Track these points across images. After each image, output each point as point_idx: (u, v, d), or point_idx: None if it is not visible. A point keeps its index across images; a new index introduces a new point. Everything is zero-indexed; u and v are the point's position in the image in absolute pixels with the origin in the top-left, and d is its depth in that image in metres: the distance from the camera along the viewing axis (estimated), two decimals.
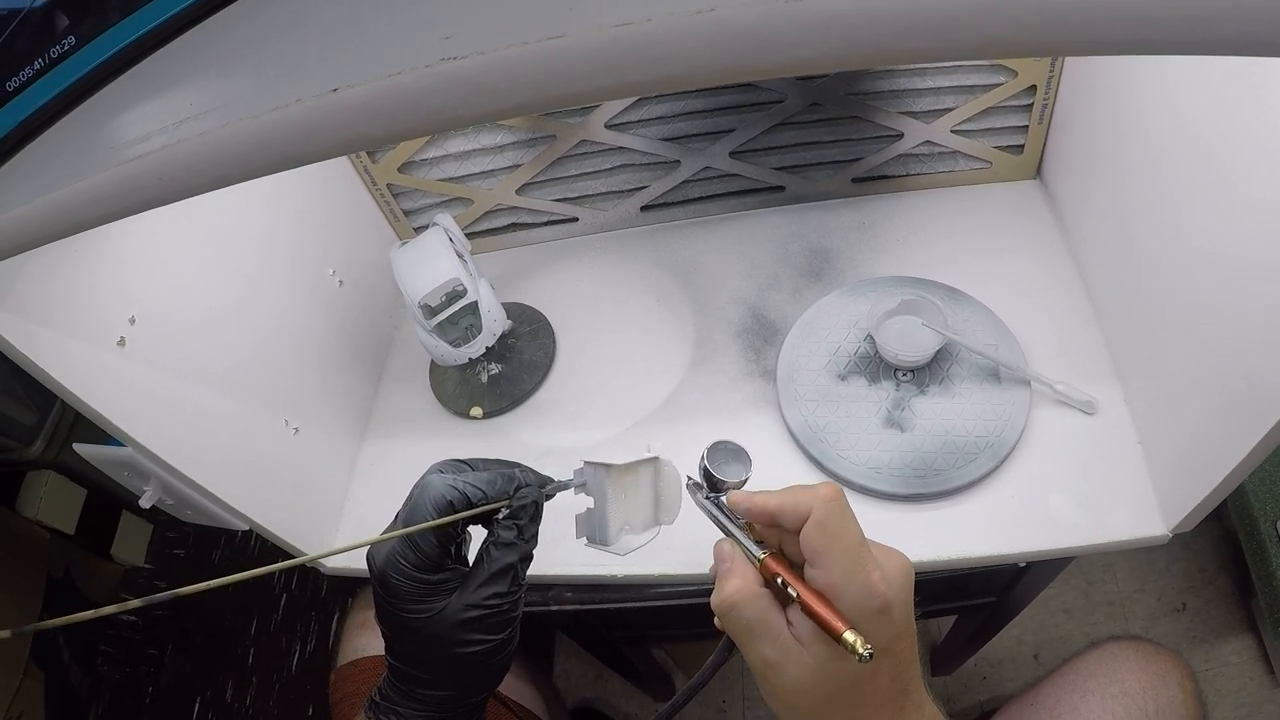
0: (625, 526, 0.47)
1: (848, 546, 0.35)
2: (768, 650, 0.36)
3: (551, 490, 0.45)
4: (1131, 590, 1.15)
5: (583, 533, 0.47)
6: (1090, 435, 0.61)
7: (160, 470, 0.53)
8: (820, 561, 0.35)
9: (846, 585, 0.34)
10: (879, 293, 0.69)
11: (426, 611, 0.40)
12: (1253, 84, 0.42)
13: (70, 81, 0.36)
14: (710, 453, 0.43)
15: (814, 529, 0.35)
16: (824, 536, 0.35)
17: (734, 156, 0.78)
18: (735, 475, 0.43)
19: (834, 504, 0.36)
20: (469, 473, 0.43)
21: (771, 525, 0.38)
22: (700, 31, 0.22)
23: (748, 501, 0.39)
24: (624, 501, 0.47)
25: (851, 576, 0.34)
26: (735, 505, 0.40)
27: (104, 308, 0.50)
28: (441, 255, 0.69)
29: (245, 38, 0.33)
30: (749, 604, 0.36)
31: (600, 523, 0.46)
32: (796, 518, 0.36)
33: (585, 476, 0.47)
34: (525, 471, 0.44)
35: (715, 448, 0.44)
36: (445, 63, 0.25)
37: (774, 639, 0.35)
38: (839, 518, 0.35)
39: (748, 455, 0.44)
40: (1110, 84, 0.60)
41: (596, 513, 0.46)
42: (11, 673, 1.19)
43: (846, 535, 0.35)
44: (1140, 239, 0.58)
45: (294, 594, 1.40)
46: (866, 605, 0.34)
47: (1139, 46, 0.23)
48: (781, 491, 0.38)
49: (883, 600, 0.34)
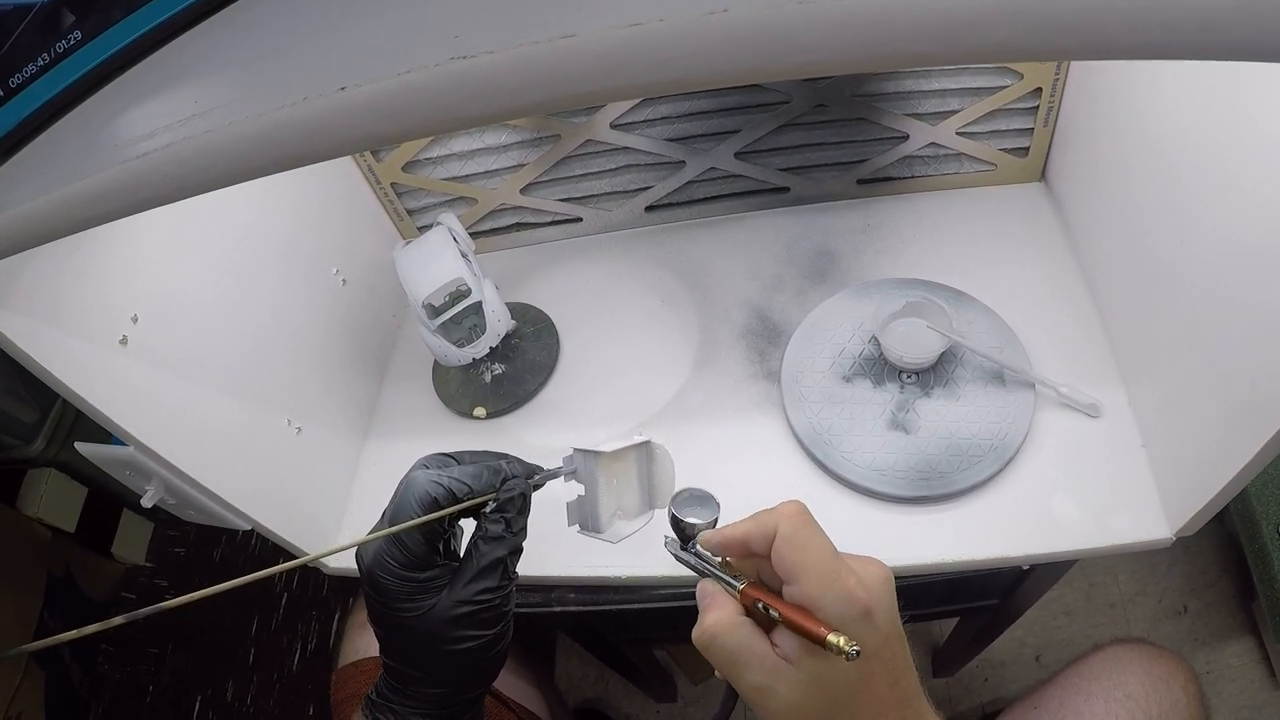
0: (617, 512, 0.47)
1: (819, 558, 0.35)
2: (756, 676, 0.35)
3: (540, 479, 0.45)
4: (1133, 592, 1.15)
5: (574, 520, 0.46)
6: (1095, 438, 0.61)
7: (162, 470, 0.53)
8: (795, 576, 0.35)
9: (824, 595, 0.34)
10: (884, 295, 0.69)
11: (417, 609, 0.40)
12: (1258, 86, 0.42)
13: (74, 78, 0.36)
14: (675, 502, 0.43)
15: (783, 545, 0.35)
16: (793, 550, 0.35)
17: (739, 157, 0.77)
18: (703, 518, 0.43)
19: (798, 518, 0.36)
20: (454, 467, 0.43)
21: (746, 554, 0.38)
22: (713, 32, 0.22)
23: (718, 536, 0.39)
24: (615, 487, 0.46)
25: (828, 586, 0.34)
26: (707, 542, 0.40)
27: (107, 306, 0.49)
28: (445, 255, 0.69)
29: (251, 35, 0.33)
30: (729, 633, 0.36)
31: (591, 509, 0.46)
32: (765, 539, 0.36)
33: (575, 464, 0.46)
34: (512, 462, 0.44)
35: (680, 497, 0.43)
36: (455, 61, 0.25)
37: (760, 663, 0.35)
38: (804, 531, 0.35)
39: (714, 499, 0.43)
40: (1115, 87, 0.60)
41: (588, 500, 0.46)
42: (12, 671, 1.19)
43: (814, 546, 0.35)
44: (1145, 242, 0.58)
45: (295, 593, 1.40)
46: (847, 612, 0.34)
47: (1149, 51, 0.22)
48: (747, 519, 0.38)
49: (862, 605, 0.34)
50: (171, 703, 1.37)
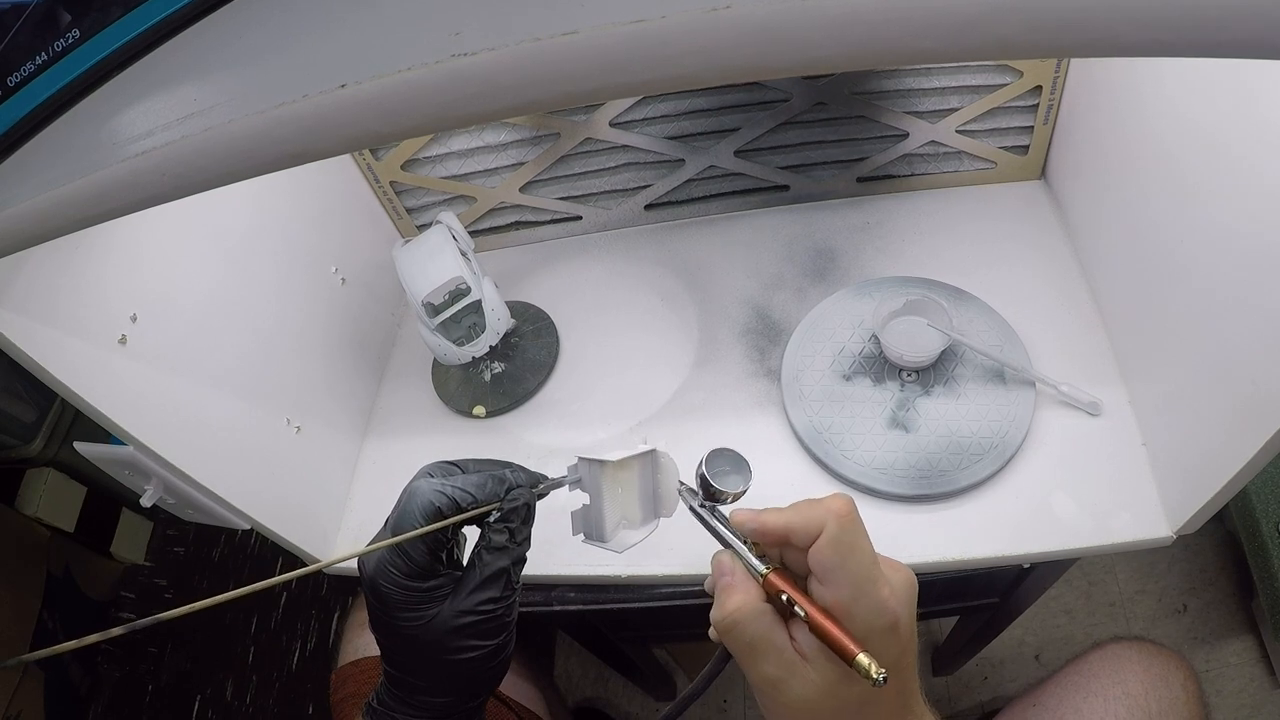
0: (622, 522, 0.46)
1: (861, 563, 0.34)
2: (770, 668, 0.35)
3: (544, 489, 0.44)
4: (1133, 591, 1.15)
5: (579, 530, 0.46)
6: (1095, 437, 0.60)
7: (161, 469, 0.52)
8: (831, 579, 0.34)
9: (857, 603, 0.33)
10: (883, 293, 0.69)
11: (419, 619, 0.39)
12: (1259, 83, 0.42)
13: (73, 76, 0.35)
14: (709, 460, 0.41)
15: (827, 545, 0.34)
16: (836, 553, 0.34)
17: (739, 155, 0.77)
18: (735, 486, 0.41)
19: (848, 519, 0.34)
20: (459, 475, 0.42)
21: (782, 544, 0.37)
22: (715, 29, 0.22)
23: (754, 522, 0.37)
24: (620, 497, 0.46)
25: (863, 594, 0.33)
26: (741, 526, 0.38)
27: (106, 305, 0.49)
28: (445, 253, 0.69)
29: (250, 33, 0.33)
30: (752, 621, 0.35)
31: (596, 519, 0.46)
32: (808, 535, 0.35)
33: (579, 473, 0.46)
34: (517, 471, 0.43)
35: (715, 455, 0.42)
36: (455, 59, 0.24)
37: (778, 656, 0.35)
38: (852, 533, 0.34)
39: (748, 465, 0.42)
40: (1116, 84, 0.60)
41: (592, 509, 0.46)
42: (11, 671, 1.19)
43: (860, 551, 0.34)
44: (1146, 240, 0.58)
45: (294, 593, 1.40)
46: (876, 623, 0.33)
47: (1151, 48, 0.22)
48: (790, 509, 0.36)
49: (892, 617, 0.33)
50: (171, 702, 1.37)
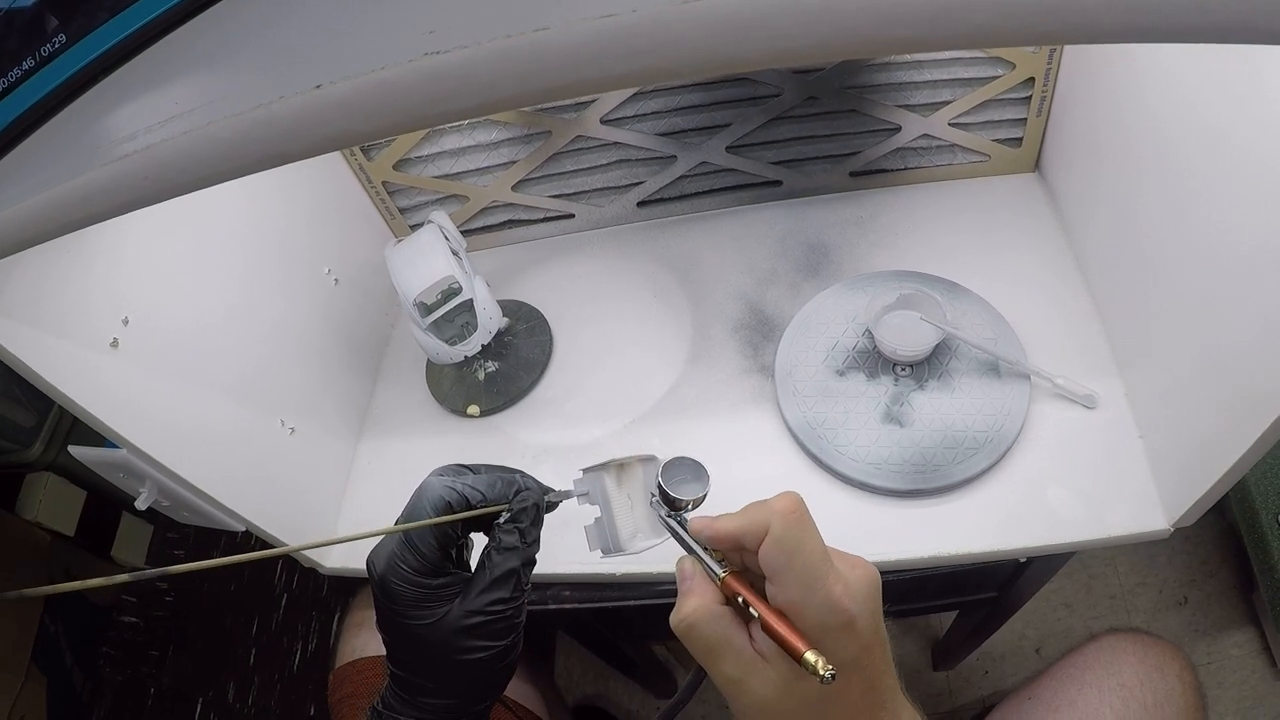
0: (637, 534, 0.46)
1: (806, 562, 0.34)
2: (730, 668, 0.35)
3: (553, 499, 0.45)
4: (1133, 584, 1.15)
5: (595, 545, 0.46)
6: (1091, 429, 0.60)
7: (155, 472, 0.52)
8: (779, 579, 0.34)
9: (807, 602, 0.33)
10: (877, 287, 0.69)
11: (428, 618, 0.39)
12: (1254, 73, 0.42)
13: (60, 81, 0.36)
14: (665, 470, 0.42)
15: (771, 546, 0.34)
16: (781, 553, 0.34)
17: (731, 151, 0.77)
18: (692, 493, 0.42)
19: (791, 517, 0.34)
20: (469, 475, 0.43)
21: (737, 549, 0.37)
22: (687, 21, 0.22)
23: (709, 529, 0.38)
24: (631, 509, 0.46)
25: (812, 592, 0.33)
26: (697, 533, 0.39)
27: (96, 308, 0.49)
28: (437, 253, 0.69)
29: (231, 35, 0.33)
30: (708, 623, 0.35)
31: (611, 533, 0.46)
32: (756, 537, 0.35)
33: (585, 486, 0.46)
34: (526, 478, 0.44)
35: (672, 464, 0.42)
36: (429, 57, 0.24)
37: (736, 656, 0.35)
38: (796, 532, 0.34)
39: (707, 472, 0.42)
40: (1109, 76, 0.60)
41: (605, 523, 0.46)
42: (13, 676, 1.20)
43: (805, 550, 0.34)
44: (1140, 232, 0.58)
45: (294, 594, 1.40)
46: (828, 621, 0.33)
47: (1130, 34, 0.22)
48: (740, 512, 0.37)
49: (845, 616, 0.33)
50: (173, 705, 1.38)
